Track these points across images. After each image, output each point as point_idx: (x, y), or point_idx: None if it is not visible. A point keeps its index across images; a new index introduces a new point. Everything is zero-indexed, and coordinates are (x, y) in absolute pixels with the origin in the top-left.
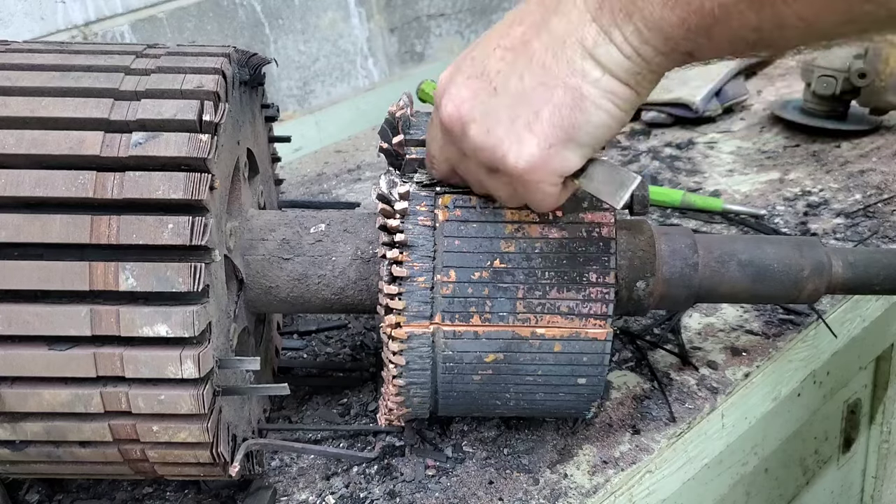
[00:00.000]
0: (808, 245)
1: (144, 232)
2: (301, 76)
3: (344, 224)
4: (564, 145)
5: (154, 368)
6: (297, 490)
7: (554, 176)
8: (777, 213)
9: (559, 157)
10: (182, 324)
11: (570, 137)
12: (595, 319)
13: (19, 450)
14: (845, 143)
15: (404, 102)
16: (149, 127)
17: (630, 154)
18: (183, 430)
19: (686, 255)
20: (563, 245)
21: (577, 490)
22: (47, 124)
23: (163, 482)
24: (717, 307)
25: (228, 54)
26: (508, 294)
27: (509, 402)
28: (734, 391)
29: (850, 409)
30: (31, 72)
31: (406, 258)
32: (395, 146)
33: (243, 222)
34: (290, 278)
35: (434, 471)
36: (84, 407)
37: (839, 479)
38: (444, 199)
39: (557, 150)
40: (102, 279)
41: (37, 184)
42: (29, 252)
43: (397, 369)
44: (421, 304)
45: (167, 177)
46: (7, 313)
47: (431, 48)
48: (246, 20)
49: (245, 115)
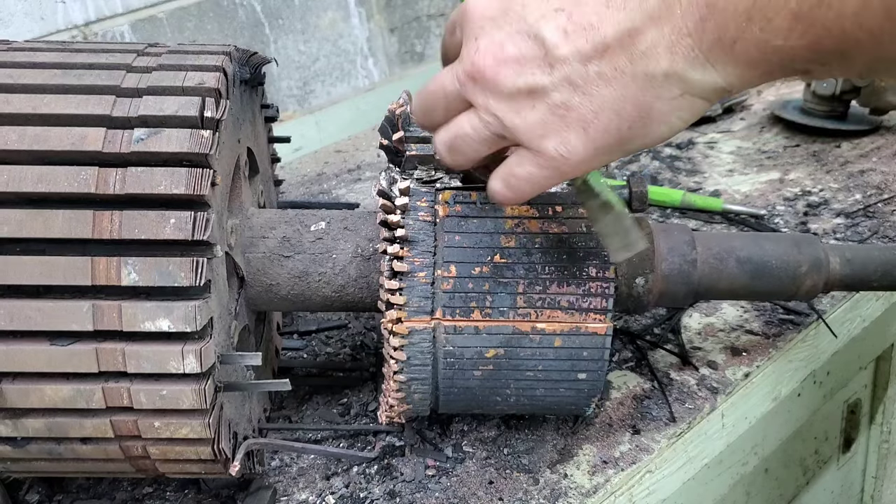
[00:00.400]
0: (806, 242)
1: (146, 227)
2: (301, 76)
3: (344, 222)
4: (610, 152)
5: (156, 363)
6: (297, 490)
7: (578, 172)
8: (777, 213)
9: (599, 160)
10: (184, 318)
11: (621, 147)
12: (595, 314)
13: (21, 447)
14: (845, 143)
15: (404, 100)
16: (151, 123)
17: (630, 154)
18: (184, 426)
19: (685, 251)
20: (563, 240)
21: (577, 490)
22: (49, 121)
23: (163, 482)
24: (718, 307)
25: (229, 52)
26: (509, 289)
27: (510, 398)
28: (734, 391)
29: (850, 409)
30: (33, 69)
31: (407, 254)
32: (395, 143)
33: (244, 220)
34: (290, 276)
35: (434, 471)
36: (86, 402)
37: (839, 479)
38: (445, 195)
39: (602, 154)
40: (104, 274)
41: (39, 179)
42: (31, 247)
43: (398, 365)
44: (422, 300)
45: (169, 172)
46: (9, 308)
47: (431, 48)
48: (246, 20)
49: (245, 114)
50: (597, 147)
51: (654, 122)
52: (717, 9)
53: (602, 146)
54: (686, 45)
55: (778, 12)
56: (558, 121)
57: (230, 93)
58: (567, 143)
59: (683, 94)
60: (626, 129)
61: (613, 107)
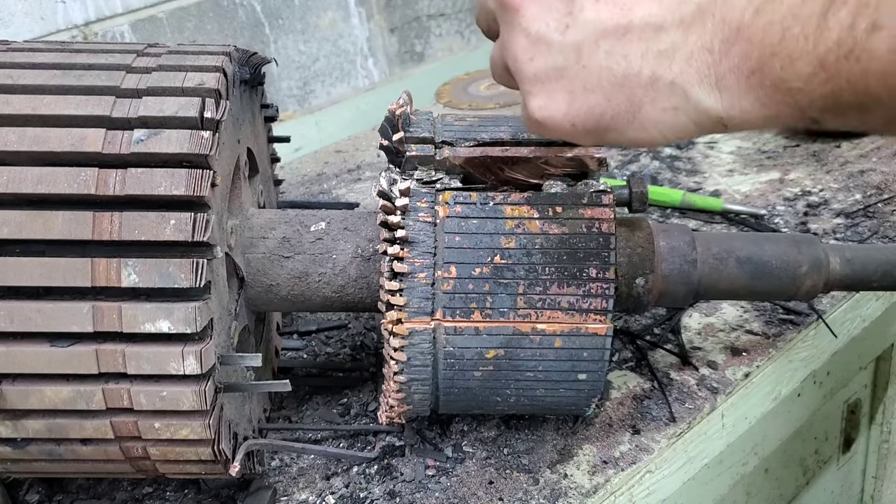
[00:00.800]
0: (806, 242)
1: (146, 228)
2: (301, 76)
3: (344, 222)
4: (585, 133)
5: (156, 365)
6: (297, 490)
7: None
8: (777, 213)
9: (573, 136)
10: (184, 319)
11: (597, 134)
12: (595, 314)
13: (21, 447)
14: (845, 143)
15: (404, 100)
16: (150, 124)
17: (630, 154)
18: (185, 427)
19: (685, 251)
20: (563, 240)
21: (577, 490)
22: (49, 122)
23: (163, 482)
24: (718, 307)
25: (229, 53)
26: (509, 290)
27: (510, 398)
28: (734, 391)
29: (850, 409)
30: (33, 70)
31: (407, 254)
32: (395, 143)
33: (244, 220)
34: (290, 276)
35: (434, 471)
36: (86, 404)
37: (839, 479)
38: (445, 196)
39: (578, 132)
40: (104, 275)
41: (39, 181)
42: (31, 249)
43: (398, 366)
44: (422, 301)
45: (169, 173)
46: (9, 310)
47: (431, 48)
48: (246, 20)
49: (245, 114)
50: (573, 123)
51: (636, 123)
52: (745, 35)
53: (579, 124)
54: (703, 61)
55: (803, 55)
56: (551, 81)
57: (230, 93)
58: (548, 107)
59: (678, 108)
60: (608, 118)
61: (605, 91)
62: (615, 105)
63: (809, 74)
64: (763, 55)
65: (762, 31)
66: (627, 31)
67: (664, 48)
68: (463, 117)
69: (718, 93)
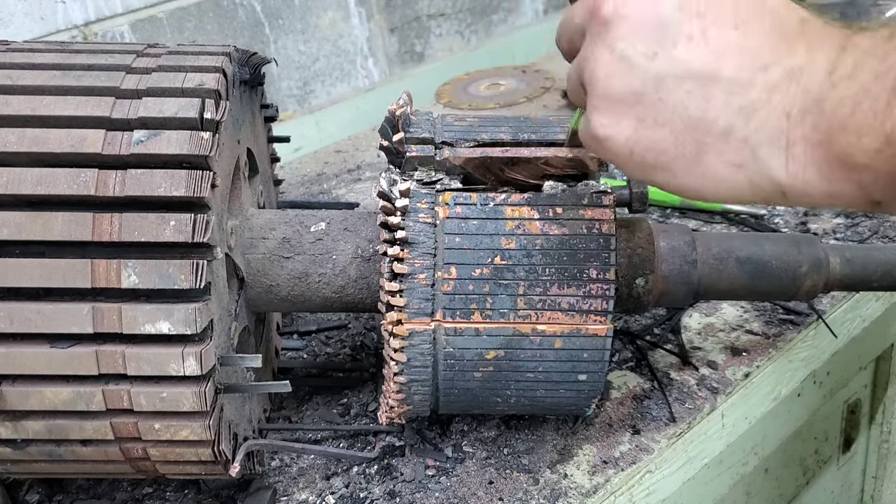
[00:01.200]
0: (806, 242)
1: (146, 229)
2: (301, 76)
3: (344, 223)
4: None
5: (156, 366)
6: (297, 490)
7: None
8: (777, 212)
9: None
10: (184, 321)
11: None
12: (595, 315)
13: (21, 449)
14: None
15: (404, 101)
16: (150, 125)
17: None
18: (185, 428)
19: (685, 252)
20: (564, 241)
21: (577, 490)
22: (49, 122)
23: (163, 482)
24: (718, 307)
25: (229, 53)
26: (509, 291)
27: (510, 399)
28: (734, 391)
29: (850, 409)
30: (32, 71)
31: (407, 255)
32: (395, 144)
33: (244, 221)
34: (290, 276)
35: (434, 471)
36: (86, 405)
37: (839, 479)
38: (445, 197)
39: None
40: (104, 276)
41: (38, 182)
42: (31, 250)
43: (398, 366)
44: (422, 301)
45: (169, 174)
46: (9, 311)
47: (431, 48)
48: (246, 20)
49: (245, 115)
50: (632, 150)
51: (694, 170)
52: (820, 107)
53: (637, 153)
54: (779, 125)
55: (871, 131)
56: (623, 103)
57: (230, 94)
58: (612, 127)
59: (742, 166)
60: (668, 157)
61: (675, 129)
62: (680, 146)
63: (875, 151)
64: (832, 127)
65: (835, 104)
66: (714, 80)
67: (746, 104)
68: (463, 117)
69: (786, 159)
